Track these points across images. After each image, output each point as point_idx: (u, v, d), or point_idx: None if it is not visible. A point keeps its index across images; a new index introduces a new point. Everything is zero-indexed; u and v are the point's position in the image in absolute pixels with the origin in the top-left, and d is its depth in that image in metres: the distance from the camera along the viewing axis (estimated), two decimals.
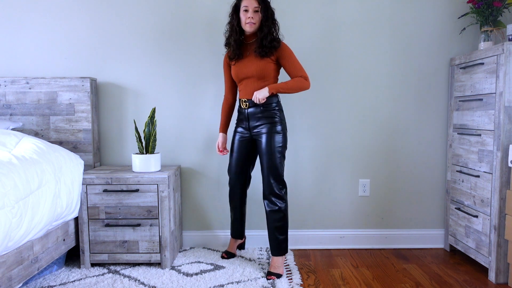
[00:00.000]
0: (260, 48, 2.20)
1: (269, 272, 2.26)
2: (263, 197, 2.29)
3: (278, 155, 2.24)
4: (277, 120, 2.26)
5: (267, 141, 2.23)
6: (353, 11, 2.68)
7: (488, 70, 2.25)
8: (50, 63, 2.69)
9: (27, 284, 2.16)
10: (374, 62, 2.71)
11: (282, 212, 2.26)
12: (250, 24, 2.20)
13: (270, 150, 2.22)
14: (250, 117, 2.29)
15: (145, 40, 2.68)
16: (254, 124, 2.28)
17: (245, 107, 2.29)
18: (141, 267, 2.39)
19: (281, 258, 2.30)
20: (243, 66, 2.27)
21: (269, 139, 2.23)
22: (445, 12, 2.69)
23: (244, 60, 2.27)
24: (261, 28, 2.22)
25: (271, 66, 2.25)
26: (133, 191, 2.34)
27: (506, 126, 2.15)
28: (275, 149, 2.23)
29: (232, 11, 2.28)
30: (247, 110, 2.29)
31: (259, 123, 2.27)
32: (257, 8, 2.20)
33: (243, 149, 2.38)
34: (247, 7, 2.19)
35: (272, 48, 2.22)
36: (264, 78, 2.24)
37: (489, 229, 2.25)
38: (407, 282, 2.23)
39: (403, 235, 2.78)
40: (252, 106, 2.27)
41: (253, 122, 2.28)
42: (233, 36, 2.26)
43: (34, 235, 1.88)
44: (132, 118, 2.72)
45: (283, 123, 2.29)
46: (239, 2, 2.24)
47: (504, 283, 2.21)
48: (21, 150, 2.03)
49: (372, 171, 2.77)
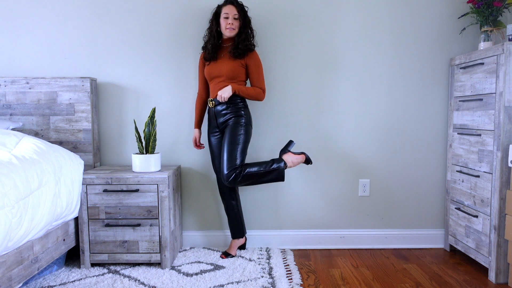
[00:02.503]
0: (234, 49, 2.40)
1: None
2: None
3: (238, 142, 2.37)
4: (241, 114, 2.43)
5: (230, 131, 2.39)
6: (353, 11, 2.68)
7: (488, 70, 2.25)
8: (50, 63, 2.69)
9: (27, 284, 2.16)
10: (374, 62, 2.71)
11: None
12: (230, 30, 2.40)
13: (231, 137, 2.36)
14: (217, 115, 2.45)
15: (146, 40, 2.68)
16: (222, 120, 2.45)
17: (212, 106, 2.45)
18: (141, 267, 2.40)
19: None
20: (216, 66, 2.44)
21: (232, 129, 2.39)
22: (445, 12, 2.69)
23: (218, 61, 2.45)
24: (239, 33, 2.42)
25: (241, 69, 2.43)
26: (133, 191, 2.34)
27: (506, 126, 2.15)
28: (236, 137, 2.38)
29: (212, 17, 2.47)
30: (214, 109, 2.46)
31: (225, 118, 2.43)
32: (236, 16, 2.40)
33: (215, 146, 2.53)
34: (227, 14, 2.39)
35: (246, 50, 2.41)
36: (233, 79, 2.42)
37: (489, 229, 2.25)
38: (407, 282, 2.23)
39: (403, 235, 2.78)
40: (218, 105, 2.43)
41: (220, 118, 2.45)
42: (211, 40, 2.46)
43: (34, 235, 1.88)
44: (132, 118, 2.72)
45: (247, 117, 2.45)
46: (219, 9, 2.44)
47: (504, 283, 2.21)
48: (21, 150, 2.03)
49: (372, 171, 2.77)
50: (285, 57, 2.69)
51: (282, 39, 2.68)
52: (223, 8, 2.41)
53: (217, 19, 2.44)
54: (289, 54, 2.69)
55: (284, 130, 2.73)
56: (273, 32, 2.67)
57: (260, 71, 2.47)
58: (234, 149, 2.34)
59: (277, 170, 2.38)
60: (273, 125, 2.73)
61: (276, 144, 2.72)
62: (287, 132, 2.73)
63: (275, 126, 2.73)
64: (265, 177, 2.38)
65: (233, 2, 2.40)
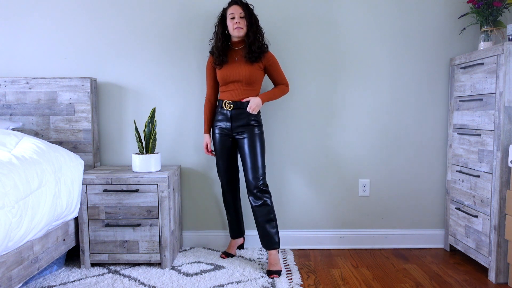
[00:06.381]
0: (249, 54, 2.34)
1: (270, 270, 2.27)
2: (247, 194, 2.36)
3: (260, 154, 2.35)
4: (257, 123, 2.40)
5: (250, 142, 2.35)
6: (353, 11, 2.68)
7: (488, 70, 2.25)
8: (50, 63, 2.69)
9: (27, 284, 2.16)
10: (374, 62, 2.71)
11: (268, 206, 2.33)
12: (238, 29, 2.33)
13: (253, 150, 2.34)
14: (233, 118, 2.38)
15: (146, 40, 2.68)
16: (237, 125, 2.38)
17: (229, 109, 2.38)
18: (141, 267, 2.39)
19: (276, 252, 2.35)
20: (232, 70, 2.37)
21: (251, 141, 2.35)
22: (445, 12, 2.69)
23: (233, 65, 2.38)
24: (247, 34, 2.37)
25: (259, 73, 2.39)
26: (133, 191, 2.34)
27: (506, 126, 2.15)
28: (258, 149, 2.35)
29: (218, 21, 2.43)
30: (230, 112, 2.38)
31: (241, 123, 2.37)
32: (242, 14, 2.35)
33: (226, 147, 2.45)
34: (233, 14, 2.34)
35: (261, 53, 2.36)
36: (252, 83, 2.38)
37: (489, 229, 2.25)
38: (407, 282, 2.23)
39: (403, 235, 2.78)
40: (235, 109, 2.37)
41: (236, 123, 2.38)
42: (217, 43, 2.40)
43: (34, 235, 1.88)
44: (132, 118, 2.72)
45: (261, 125, 2.42)
46: (224, 11, 2.40)
47: (504, 283, 2.21)
48: (21, 150, 2.03)
49: (372, 171, 2.77)
50: (285, 58, 2.68)
51: (281, 40, 2.68)
52: (228, 9, 2.37)
53: (224, 22, 2.40)
54: (288, 54, 2.69)
55: (285, 131, 2.73)
56: (272, 33, 2.67)
57: (279, 68, 2.46)
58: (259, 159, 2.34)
59: (274, 235, 2.33)
60: (273, 126, 2.72)
61: (277, 144, 2.72)
62: (288, 132, 2.73)
63: (276, 127, 2.73)
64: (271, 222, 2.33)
65: (237, 2, 2.36)
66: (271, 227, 2.33)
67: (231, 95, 2.38)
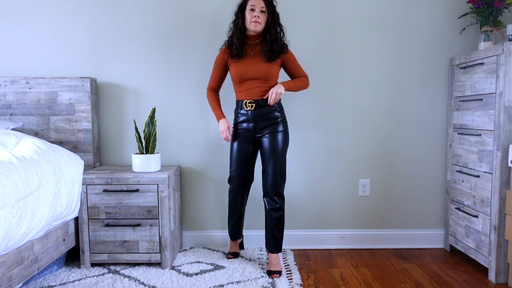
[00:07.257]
0: (270, 52, 2.24)
1: (270, 271, 2.27)
2: (264, 195, 2.30)
3: (283, 154, 2.28)
4: (282, 120, 2.31)
5: (274, 141, 2.26)
6: (353, 11, 2.68)
7: (488, 70, 2.25)
8: (50, 63, 2.69)
9: (27, 284, 2.16)
10: (374, 62, 2.71)
11: (282, 210, 2.29)
12: (255, 23, 2.20)
13: (277, 149, 2.26)
14: (256, 118, 2.28)
15: (146, 40, 2.68)
16: (261, 126, 2.28)
17: (250, 108, 2.28)
18: (141, 267, 2.39)
19: (278, 254, 2.35)
20: (248, 66, 2.25)
21: (276, 139, 2.27)
22: (445, 12, 2.69)
23: (249, 60, 2.27)
24: (269, 30, 2.25)
25: (276, 69, 2.30)
26: (133, 191, 2.34)
27: (506, 126, 2.15)
28: (281, 148, 2.27)
29: (237, 10, 2.28)
30: (253, 112, 2.28)
31: (265, 123, 2.28)
32: (264, 9, 2.21)
33: (246, 153, 2.35)
34: (253, 6, 2.20)
35: (281, 53, 2.28)
36: (269, 80, 2.28)
37: (489, 229, 2.25)
38: (407, 282, 2.23)
39: (403, 235, 2.78)
40: (257, 108, 2.27)
41: (259, 123, 2.28)
42: (236, 34, 2.26)
43: (34, 235, 1.88)
44: (132, 118, 2.72)
45: (286, 122, 2.34)
46: (245, 1, 2.25)
47: (504, 283, 2.21)
48: (21, 150, 2.03)
49: (372, 171, 2.77)
50: None
51: None
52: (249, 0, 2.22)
53: (243, 11, 2.24)
54: None
55: None
56: None
57: (297, 63, 2.36)
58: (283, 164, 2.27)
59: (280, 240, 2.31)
60: None
61: None
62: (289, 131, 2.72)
63: None
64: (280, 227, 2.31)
65: None
66: (278, 231, 2.31)
67: (250, 94, 2.27)
